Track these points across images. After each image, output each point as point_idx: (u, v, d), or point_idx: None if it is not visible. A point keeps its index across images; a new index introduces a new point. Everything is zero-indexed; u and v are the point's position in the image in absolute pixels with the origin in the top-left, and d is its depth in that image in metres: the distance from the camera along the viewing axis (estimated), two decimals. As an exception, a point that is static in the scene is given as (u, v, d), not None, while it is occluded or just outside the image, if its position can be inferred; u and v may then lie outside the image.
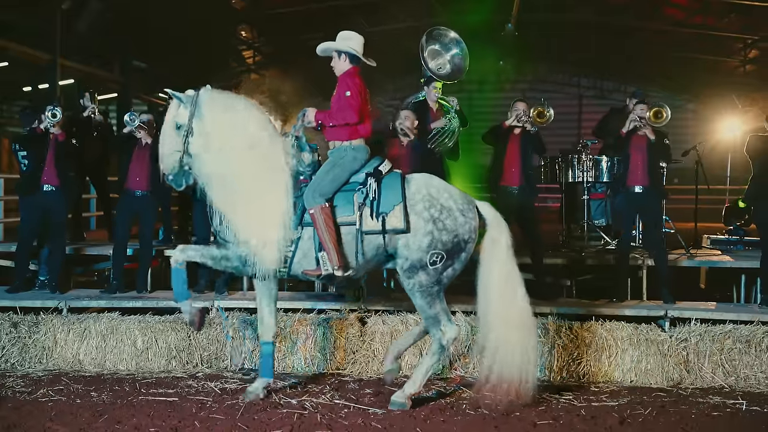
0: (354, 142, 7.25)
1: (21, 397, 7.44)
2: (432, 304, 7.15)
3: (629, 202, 9.65)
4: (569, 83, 35.30)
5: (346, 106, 7.14)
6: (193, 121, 7.01)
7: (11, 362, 8.62)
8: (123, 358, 8.60)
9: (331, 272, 7.04)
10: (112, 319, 8.74)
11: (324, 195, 7.05)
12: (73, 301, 9.32)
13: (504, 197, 9.73)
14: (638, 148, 9.60)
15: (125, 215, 9.87)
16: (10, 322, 8.75)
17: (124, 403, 7.24)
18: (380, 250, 7.14)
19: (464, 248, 7.16)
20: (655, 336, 8.37)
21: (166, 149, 7.11)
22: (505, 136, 9.83)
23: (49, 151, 9.81)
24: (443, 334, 7.16)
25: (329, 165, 7.22)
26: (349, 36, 7.37)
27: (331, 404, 7.24)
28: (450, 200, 7.16)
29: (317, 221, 6.98)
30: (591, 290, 10.22)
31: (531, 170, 9.95)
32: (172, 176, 7.12)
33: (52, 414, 6.93)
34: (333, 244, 6.99)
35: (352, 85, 7.20)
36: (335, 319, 8.65)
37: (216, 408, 7.08)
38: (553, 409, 7.26)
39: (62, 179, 9.83)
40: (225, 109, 7.11)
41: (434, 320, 7.18)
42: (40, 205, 9.86)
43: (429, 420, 6.87)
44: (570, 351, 8.33)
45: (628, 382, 8.26)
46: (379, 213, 7.03)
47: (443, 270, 7.11)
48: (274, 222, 7.02)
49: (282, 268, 7.16)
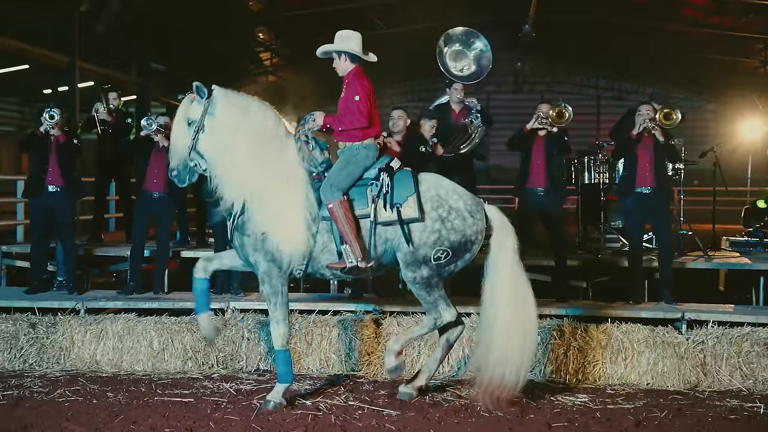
0: (365, 141, 7.31)
1: (38, 397, 7.48)
2: (431, 292, 7.29)
3: (638, 204, 9.61)
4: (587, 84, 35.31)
5: (356, 111, 7.19)
6: (205, 118, 7.05)
7: (29, 362, 8.67)
8: (139, 358, 8.63)
9: (355, 264, 7.10)
10: (129, 320, 8.78)
11: (341, 189, 7.13)
12: (91, 302, 9.39)
13: (530, 199, 9.77)
14: (646, 150, 9.59)
15: (143, 217, 9.94)
16: (28, 322, 8.81)
17: (140, 404, 7.27)
18: (389, 242, 7.20)
19: (469, 249, 7.26)
20: (671, 338, 8.33)
21: (175, 144, 7.20)
22: (530, 139, 9.82)
23: (52, 153, 9.89)
24: (441, 317, 7.32)
25: (343, 162, 7.28)
26: (347, 36, 7.41)
27: (345, 405, 7.25)
28: (459, 201, 7.24)
29: (337, 215, 7.04)
30: (607, 292, 10.19)
31: (557, 171, 9.94)
32: (177, 172, 7.18)
33: (68, 414, 6.96)
34: (354, 237, 7.07)
35: (360, 88, 7.25)
36: (350, 320, 8.65)
37: (231, 409, 7.10)
38: (568, 411, 7.23)
39: (66, 180, 9.91)
40: (237, 109, 7.16)
41: (433, 305, 7.34)
42: (46, 206, 9.96)
43: (443, 422, 6.86)
44: (585, 353, 8.30)
45: (645, 384, 8.21)
46: (393, 204, 7.11)
47: (446, 265, 7.22)
48: (295, 215, 7.10)
49: (300, 265, 7.22)
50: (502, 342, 7.05)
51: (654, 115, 9.63)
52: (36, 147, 10.08)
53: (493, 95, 36.93)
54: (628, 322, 8.63)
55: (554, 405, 7.40)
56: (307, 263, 7.24)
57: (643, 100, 10.35)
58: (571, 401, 7.53)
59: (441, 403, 7.39)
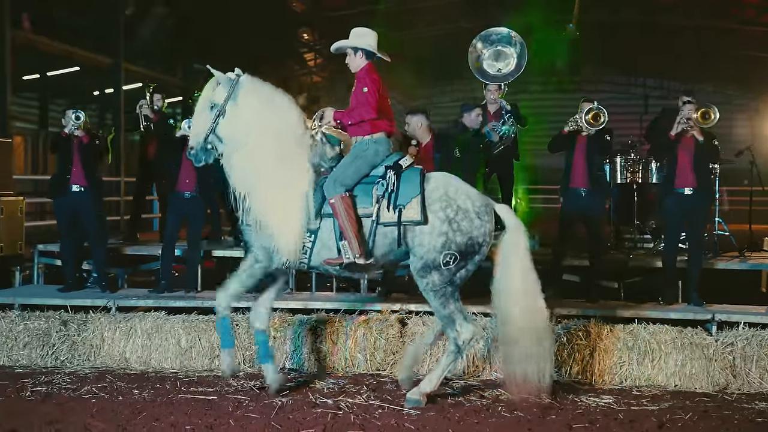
0: (375, 135, 7.32)
1: (66, 394, 7.59)
2: (446, 304, 7.18)
3: (677, 205, 9.49)
4: (635, 84, 34.84)
5: (364, 103, 7.23)
6: (227, 104, 7.14)
7: (61, 359, 8.79)
8: (168, 356, 8.72)
9: (352, 260, 7.12)
10: (157, 318, 8.88)
11: (344, 185, 7.14)
12: (122, 300, 9.52)
13: (572, 199, 9.74)
14: (686, 150, 9.46)
15: (175, 216, 10.04)
16: (60, 320, 8.94)
17: (164, 401, 7.35)
18: (396, 243, 7.19)
19: (478, 251, 7.18)
20: (700, 340, 8.23)
21: (195, 125, 7.32)
22: (571, 140, 9.76)
23: (75, 153, 10.02)
24: (458, 335, 7.19)
25: (351, 157, 7.31)
26: (363, 33, 7.46)
27: (366, 404, 7.26)
28: (467, 201, 7.18)
29: (338, 210, 7.08)
30: (640, 293, 10.09)
31: (599, 172, 9.86)
32: (194, 151, 7.29)
33: (93, 410, 7.05)
34: (354, 233, 7.08)
35: (369, 81, 7.28)
36: (375, 319, 8.67)
37: (252, 407, 7.15)
38: (591, 412, 7.19)
39: (90, 180, 10.05)
40: (260, 98, 7.24)
41: (449, 320, 7.21)
42: (70, 206, 10.10)
43: (463, 422, 6.85)
44: (612, 354, 8.22)
45: (672, 386, 8.12)
46: (396, 205, 7.09)
47: (456, 271, 7.15)
48: (294, 210, 7.13)
49: (302, 258, 7.26)
50: (518, 341, 7.03)
51: (692, 115, 9.50)
52: (60, 147, 10.24)
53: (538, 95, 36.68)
54: (657, 323, 8.55)
55: (577, 406, 7.35)
56: (309, 258, 7.27)
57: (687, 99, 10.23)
58: (595, 402, 7.48)
59: (463, 402, 7.38)
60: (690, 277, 9.46)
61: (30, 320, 8.94)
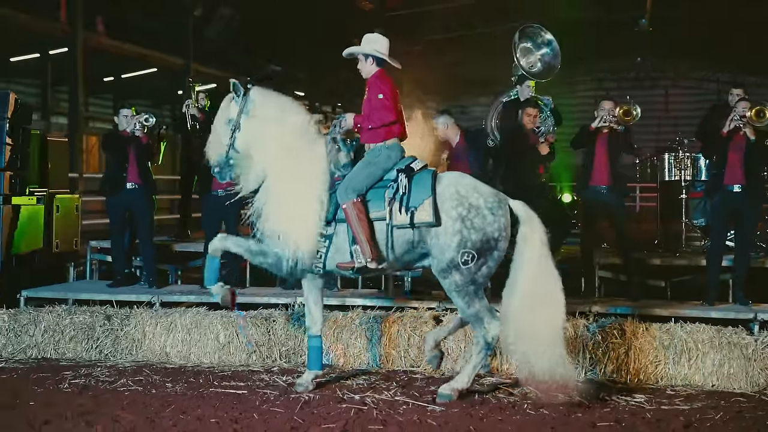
0: (388, 141, 7.38)
1: (102, 386, 7.77)
2: (471, 303, 7.18)
3: (726, 202, 9.33)
4: (709, 79, 34.20)
5: (381, 107, 7.28)
6: (241, 117, 7.29)
7: (105, 353, 9.01)
8: (206, 351, 8.86)
9: (364, 264, 7.19)
10: (197, 314, 9.03)
11: (356, 191, 7.20)
12: (166, 295, 9.73)
13: (593, 197, 9.66)
14: (737, 147, 9.28)
15: (210, 215, 10.20)
16: (104, 315, 9.16)
17: (194, 394, 7.48)
18: (411, 245, 7.23)
19: (495, 246, 7.14)
20: (739, 339, 8.06)
21: (214, 142, 7.49)
22: (593, 137, 9.69)
23: (132, 151, 10.24)
24: (487, 332, 7.20)
25: (364, 163, 7.37)
26: (374, 39, 7.50)
27: (392, 400, 7.28)
28: (479, 198, 7.15)
29: (350, 216, 7.15)
30: (687, 292, 9.95)
31: (620, 169, 9.76)
32: (218, 169, 7.49)
33: (125, 403, 7.20)
34: (366, 237, 7.14)
35: (384, 87, 7.34)
36: (409, 316, 8.69)
37: (280, 401, 7.23)
38: (619, 411, 7.10)
39: (144, 178, 10.27)
40: (271, 108, 7.40)
41: (476, 318, 7.22)
42: (124, 203, 10.35)
43: (486, 419, 6.83)
44: (647, 353, 8.12)
45: (710, 386, 7.97)
46: (409, 207, 7.11)
47: (477, 270, 7.12)
48: (308, 216, 7.22)
49: (317, 264, 7.33)
50: (533, 336, 6.99)
51: (747, 113, 9.31)
52: (117, 146, 10.46)
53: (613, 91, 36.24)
54: (697, 322, 8.41)
55: (606, 404, 7.28)
56: (324, 262, 7.35)
57: (741, 96, 10.05)
58: (625, 401, 7.38)
59: (490, 400, 7.36)
60: (736, 275, 9.32)
61: (76, 314, 9.17)
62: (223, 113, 7.47)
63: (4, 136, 9.90)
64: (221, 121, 7.46)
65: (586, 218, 9.92)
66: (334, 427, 6.57)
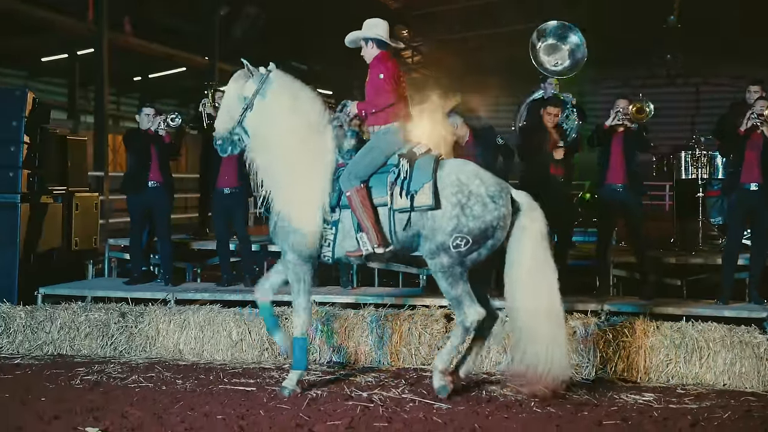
0: (391, 125, 7.39)
1: (113, 383, 7.85)
2: (454, 285, 7.19)
3: (742, 201, 9.26)
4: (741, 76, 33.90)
5: (381, 90, 7.32)
6: (256, 98, 7.30)
7: (119, 350, 9.08)
8: (219, 348, 8.92)
9: (371, 251, 7.22)
10: (210, 311, 9.09)
11: (359, 177, 7.24)
12: (180, 293, 9.80)
13: (608, 195, 9.61)
14: (754, 146, 9.18)
15: (219, 213, 10.29)
16: (119, 312, 9.24)
17: (203, 391, 7.53)
18: (412, 229, 7.25)
19: (492, 235, 7.16)
20: (750, 338, 8.00)
21: (223, 115, 7.47)
22: (608, 135, 9.64)
23: (154, 150, 10.34)
24: (465, 317, 7.21)
25: (366, 150, 7.41)
26: (374, 23, 7.54)
27: (399, 398, 7.30)
28: (481, 186, 7.16)
29: (354, 203, 7.19)
30: (703, 290, 9.89)
31: (636, 168, 9.70)
32: (221, 141, 7.46)
33: (134, 399, 7.27)
34: (371, 224, 7.18)
35: (383, 69, 7.36)
36: (420, 314, 8.70)
37: (287, 398, 7.27)
38: (627, 409, 7.08)
39: (165, 177, 10.34)
40: (287, 94, 7.39)
41: (457, 302, 7.24)
42: (145, 202, 10.43)
43: (491, 416, 6.83)
44: (658, 352, 8.08)
45: (721, 385, 7.92)
46: (409, 192, 7.14)
47: (467, 253, 7.14)
48: (314, 203, 7.29)
49: (326, 251, 7.40)
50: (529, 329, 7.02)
51: (765, 111, 9.23)
52: (139, 144, 10.54)
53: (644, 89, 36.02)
54: (709, 321, 8.36)
55: (614, 403, 7.25)
56: (333, 250, 7.38)
57: (759, 95, 9.98)
58: (634, 399, 7.36)
59: (497, 398, 7.35)
60: (752, 274, 9.25)
61: (91, 312, 9.26)
62: (235, 88, 7.38)
63: (21, 135, 9.98)
64: (233, 95, 7.39)
65: (602, 217, 9.88)
66: (339, 424, 6.59)
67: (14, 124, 10.01)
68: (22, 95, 10.12)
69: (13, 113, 10.04)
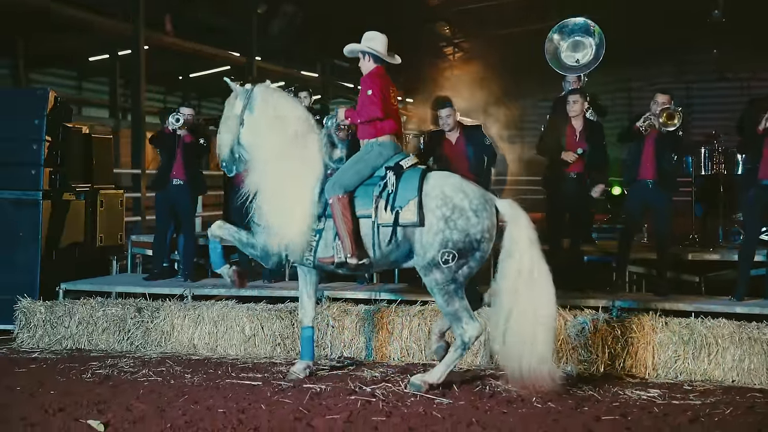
0: (380, 138, 7.49)
1: (124, 377, 7.98)
2: (450, 301, 7.24)
3: (759, 197, 9.15)
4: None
5: (369, 103, 7.40)
6: (244, 114, 7.48)
7: (135, 344, 9.26)
8: (233, 343, 9.04)
9: (343, 260, 7.32)
10: (224, 307, 9.20)
11: (344, 187, 7.32)
12: (197, 289, 9.94)
13: (638, 191, 9.54)
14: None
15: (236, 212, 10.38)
16: (135, 307, 9.39)
17: (210, 385, 7.63)
18: (396, 244, 7.32)
19: (478, 247, 7.19)
20: (759, 334, 7.92)
21: (222, 137, 7.72)
22: (640, 134, 9.54)
23: (178, 149, 10.47)
24: (464, 332, 7.25)
25: (354, 160, 7.52)
26: (372, 37, 7.64)
27: (402, 393, 7.34)
28: (464, 200, 7.18)
29: (335, 211, 7.29)
30: (723, 287, 9.80)
31: (667, 165, 9.61)
32: (225, 162, 7.74)
33: (140, 392, 7.39)
34: (348, 233, 7.26)
35: (372, 84, 7.45)
36: (430, 310, 8.73)
37: (291, 392, 7.35)
38: (629, 405, 7.05)
39: (189, 175, 10.48)
40: (272, 105, 7.61)
41: (454, 317, 7.27)
42: (169, 199, 10.59)
43: (491, 411, 6.85)
44: (666, 348, 8.04)
45: (730, 381, 7.87)
46: (394, 207, 7.21)
47: (457, 269, 7.18)
48: (300, 210, 7.40)
49: (308, 257, 7.50)
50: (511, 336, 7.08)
51: None
52: (164, 143, 10.73)
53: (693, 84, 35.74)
54: (721, 318, 8.30)
55: (617, 399, 7.23)
56: (314, 256, 7.52)
57: None
58: (638, 395, 7.33)
59: (500, 393, 7.37)
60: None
61: (108, 307, 9.43)
62: (229, 109, 7.69)
63: (43, 133, 10.16)
64: (227, 117, 7.69)
65: (629, 212, 9.84)
66: (337, 417, 6.64)
67: (36, 122, 10.18)
68: (43, 94, 10.31)
69: (34, 112, 10.22)
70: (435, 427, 6.47)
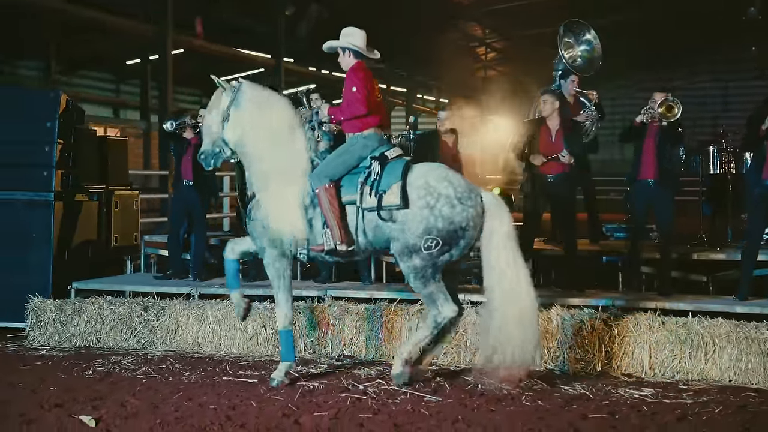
0: (365, 132, 7.57)
1: (124, 374, 8.12)
2: (426, 284, 7.32)
3: (763, 197, 9.09)
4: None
5: (354, 101, 7.47)
6: (231, 109, 7.57)
7: (142, 342, 9.41)
8: (236, 342, 9.16)
9: (333, 247, 7.41)
10: (227, 305, 9.30)
11: (329, 177, 7.43)
12: (204, 288, 10.06)
13: (641, 190, 9.52)
14: None
15: None
16: (142, 306, 9.55)
17: (205, 382, 7.74)
18: (381, 229, 7.38)
19: (462, 236, 7.24)
20: (757, 334, 7.87)
21: (206, 132, 7.83)
22: (641, 131, 9.53)
23: (188, 150, 10.63)
24: (439, 312, 7.34)
25: (339, 151, 7.64)
26: (350, 32, 7.70)
27: (392, 390, 7.39)
28: (449, 188, 7.25)
29: (321, 200, 7.39)
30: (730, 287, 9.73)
31: (669, 163, 9.59)
32: (204, 156, 7.81)
33: (137, 389, 7.51)
34: (336, 221, 7.36)
35: (356, 80, 7.51)
36: (428, 309, 8.77)
37: (284, 390, 7.44)
38: (618, 403, 7.06)
39: (197, 176, 10.60)
40: (258, 101, 7.68)
41: (430, 299, 7.37)
42: (183, 200, 10.80)
43: (478, 409, 6.88)
44: (663, 347, 8.02)
45: (727, 381, 7.83)
46: (378, 191, 7.30)
47: (438, 255, 7.24)
48: (292, 203, 7.53)
49: (302, 249, 7.62)
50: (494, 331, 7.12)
51: None
52: (171, 145, 10.94)
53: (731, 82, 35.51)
54: (720, 317, 8.26)
55: (608, 397, 7.24)
56: (307, 248, 7.58)
57: None
58: (630, 394, 7.33)
59: (491, 391, 7.36)
60: None
61: (115, 305, 9.60)
62: (213, 104, 7.78)
63: (55, 135, 10.34)
64: (211, 112, 7.79)
65: (633, 212, 9.83)
66: (325, 415, 6.72)
67: (48, 125, 10.37)
68: (55, 97, 10.50)
69: (46, 115, 10.40)
70: (421, 425, 6.52)
